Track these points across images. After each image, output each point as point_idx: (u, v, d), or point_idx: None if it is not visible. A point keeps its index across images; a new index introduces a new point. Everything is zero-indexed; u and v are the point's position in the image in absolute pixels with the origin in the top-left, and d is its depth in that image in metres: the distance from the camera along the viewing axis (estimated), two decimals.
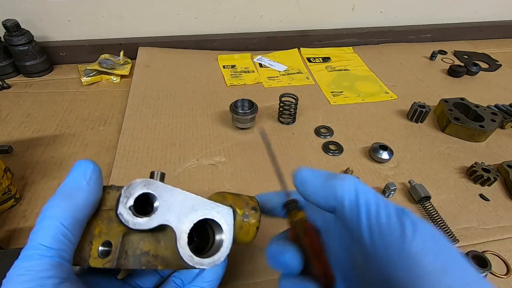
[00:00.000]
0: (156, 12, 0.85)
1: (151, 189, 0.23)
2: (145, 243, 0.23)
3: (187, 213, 0.23)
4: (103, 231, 0.23)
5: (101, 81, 0.78)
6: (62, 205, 0.21)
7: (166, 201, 0.23)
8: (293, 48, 0.93)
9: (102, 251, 0.23)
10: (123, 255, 0.22)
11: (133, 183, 0.22)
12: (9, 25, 0.70)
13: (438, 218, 0.48)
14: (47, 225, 0.20)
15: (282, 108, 0.65)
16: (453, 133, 0.65)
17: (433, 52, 0.93)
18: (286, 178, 0.27)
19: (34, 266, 0.19)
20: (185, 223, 0.23)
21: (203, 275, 0.27)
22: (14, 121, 0.64)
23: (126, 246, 0.23)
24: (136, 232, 0.23)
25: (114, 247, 0.22)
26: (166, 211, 0.23)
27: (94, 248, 0.23)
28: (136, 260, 0.23)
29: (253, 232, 0.28)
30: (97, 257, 0.22)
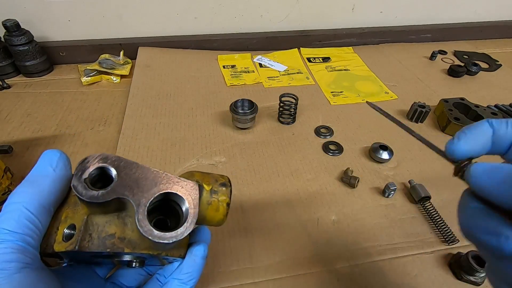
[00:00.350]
0: (156, 12, 0.85)
1: (107, 163, 0.22)
2: (110, 226, 0.23)
3: (148, 187, 0.22)
4: (69, 216, 0.23)
5: (101, 81, 0.78)
6: (28, 191, 0.21)
7: (126, 176, 0.22)
8: (293, 48, 0.93)
9: (66, 234, 0.22)
10: (87, 237, 0.22)
11: (88, 157, 0.21)
12: (9, 25, 0.70)
13: (438, 218, 0.48)
14: (11, 210, 0.20)
15: (282, 108, 0.65)
16: (453, 133, 0.64)
17: (433, 52, 0.93)
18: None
19: (2, 248, 0.19)
20: (145, 197, 0.22)
21: (181, 267, 0.26)
22: (14, 121, 0.64)
23: (90, 229, 0.22)
24: (101, 215, 0.23)
25: (78, 229, 0.22)
26: (125, 185, 0.22)
27: (60, 233, 0.22)
28: (100, 242, 0.22)
29: (223, 209, 0.26)
30: (61, 242, 0.22)
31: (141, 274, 0.30)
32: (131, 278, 0.29)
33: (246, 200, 0.50)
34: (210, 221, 0.26)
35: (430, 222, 0.49)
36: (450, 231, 0.46)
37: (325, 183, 0.54)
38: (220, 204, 0.26)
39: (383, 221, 0.49)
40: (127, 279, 0.29)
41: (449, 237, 0.46)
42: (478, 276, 0.41)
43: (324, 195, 0.52)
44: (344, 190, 0.53)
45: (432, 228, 0.48)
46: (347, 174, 0.54)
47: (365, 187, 0.54)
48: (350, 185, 0.53)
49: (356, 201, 0.51)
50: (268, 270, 0.42)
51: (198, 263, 0.26)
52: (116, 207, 0.23)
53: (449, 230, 0.46)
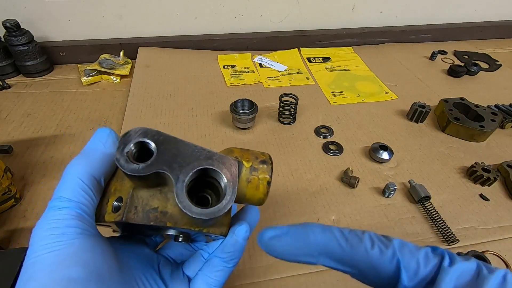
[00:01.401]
0: (156, 12, 0.85)
1: (147, 138, 0.22)
2: (154, 200, 0.23)
3: (187, 162, 0.22)
4: (117, 188, 0.24)
5: (101, 81, 0.78)
6: (81, 162, 0.23)
7: (166, 150, 0.22)
8: (293, 48, 0.93)
9: (115, 206, 0.24)
10: (133, 209, 0.23)
11: (130, 131, 0.22)
12: (9, 25, 0.70)
13: (438, 218, 0.48)
14: (68, 180, 0.22)
15: (282, 108, 0.65)
16: (453, 133, 0.65)
17: (433, 52, 0.93)
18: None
19: (57, 215, 0.21)
20: (183, 172, 0.22)
21: (223, 246, 0.26)
22: (14, 121, 0.64)
23: (135, 202, 0.23)
24: (145, 189, 0.24)
25: (124, 201, 0.23)
26: (164, 159, 0.22)
27: (109, 205, 0.24)
28: (145, 215, 0.23)
29: (264, 187, 0.26)
30: (111, 213, 0.24)
31: (188, 249, 0.31)
32: (177, 252, 0.30)
33: None
34: (250, 199, 0.26)
35: (430, 222, 0.49)
36: (450, 231, 0.46)
37: (325, 183, 0.54)
38: (260, 182, 0.25)
39: (383, 221, 0.49)
40: (174, 252, 0.30)
41: (449, 237, 0.46)
42: None
43: (324, 195, 0.52)
44: (344, 190, 0.53)
45: (432, 228, 0.48)
46: (347, 174, 0.54)
47: (365, 187, 0.54)
48: (350, 185, 0.53)
49: (356, 201, 0.51)
50: (268, 270, 0.42)
51: (239, 243, 0.26)
52: (157, 181, 0.23)
53: (449, 230, 0.46)
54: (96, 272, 0.20)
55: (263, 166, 0.26)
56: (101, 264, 0.21)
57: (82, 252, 0.21)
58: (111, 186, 0.24)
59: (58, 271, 0.19)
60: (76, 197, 0.22)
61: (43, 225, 0.21)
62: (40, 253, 0.20)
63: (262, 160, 0.26)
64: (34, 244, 0.20)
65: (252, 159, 0.26)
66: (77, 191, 0.22)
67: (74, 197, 0.22)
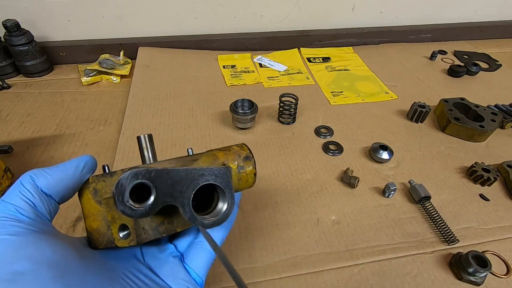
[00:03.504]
0: (156, 12, 0.85)
1: (140, 179, 0.23)
2: (157, 216, 0.25)
3: (185, 187, 0.24)
4: (115, 217, 0.25)
5: (101, 81, 0.78)
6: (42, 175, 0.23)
7: (161, 184, 0.23)
8: (293, 48, 0.93)
9: (123, 235, 0.25)
10: (142, 231, 0.24)
11: (121, 179, 0.22)
12: (9, 25, 0.70)
13: (438, 218, 0.48)
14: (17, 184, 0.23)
15: (282, 108, 0.65)
16: (453, 133, 0.65)
17: (433, 52, 0.93)
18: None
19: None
20: (185, 197, 0.24)
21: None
22: (14, 121, 0.64)
23: (141, 223, 0.25)
24: None
25: (131, 228, 0.24)
26: (164, 192, 0.23)
27: (115, 232, 0.25)
28: (155, 231, 0.25)
29: (252, 178, 0.30)
30: (120, 239, 0.25)
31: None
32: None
33: (246, 200, 0.50)
34: (242, 189, 0.30)
35: (430, 222, 0.49)
36: (450, 231, 0.46)
37: (325, 183, 0.54)
38: (248, 176, 0.29)
39: (383, 221, 0.49)
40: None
41: (449, 237, 0.46)
42: (478, 276, 0.41)
43: (324, 195, 0.52)
44: (344, 190, 0.53)
45: (432, 228, 0.48)
46: (347, 174, 0.54)
47: (365, 187, 0.54)
48: (350, 185, 0.53)
49: (356, 201, 0.51)
50: (268, 270, 0.42)
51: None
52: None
53: (449, 230, 0.46)
54: (46, 262, 0.20)
55: (248, 162, 0.29)
56: (51, 255, 0.20)
57: (24, 247, 0.20)
58: (106, 214, 0.25)
59: (3, 267, 0.19)
60: (15, 200, 0.22)
61: None
62: None
63: (245, 156, 0.30)
64: None
65: (236, 159, 0.29)
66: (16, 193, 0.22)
67: (11, 199, 0.22)
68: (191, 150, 0.29)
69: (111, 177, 0.25)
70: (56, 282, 0.19)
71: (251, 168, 0.29)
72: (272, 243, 0.45)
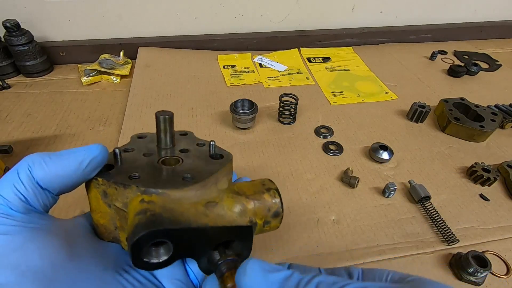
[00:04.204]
0: (156, 12, 0.85)
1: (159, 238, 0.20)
2: None
3: (204, 247, 0.22)
4: (124, 226, 0.23)
5: (101, 81, 0.78)
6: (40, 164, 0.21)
7: (180, 242, 0.21)
8: (293, 48, 0.93)
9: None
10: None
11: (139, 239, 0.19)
12: (9, 25, 0.70)
13: (438, 218, 0.48)
14: (12, 171, 0.21)
15: (282, 108, 0.65)
16: (453, 133, 0.65)
17: (433, 52, 0.93)
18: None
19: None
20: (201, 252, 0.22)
21: None
22: (14, 121, 0.64)
23: None
24: None
25: None
26: (181, 247, 0.21)
27: (122, 236, 0.24)
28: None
29: (272, 229, 0.28)
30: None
31: None
32: None
33: None
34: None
35: (430, 222, 0.49)
36: (450, 231, 0.46)
37: (325, 183, 0.54)
38: (271, 229, 0.27)
39: (383, 221, 0.49)
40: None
41: (449, 237, 0.46)
42: (478, 276, 0.41)
43: (324, 195, 0.52)
44: (344, 190, 0.53)
45: (432, 228, 0.48)
46: (347, 174, 0.54)
47: (365, 187, 0.54)
48: (350, 185, 0.53)
49: (356, 201, 0.51)
50: None
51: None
52: None
53: (449, 230, 0.46)
54: (31, 272, 0.18)
55: (276, 219, 0.27)
56: (37, 263, 0.19)
57: (9, 253, 0.18)
58: (115, 219, 0.23)
59: None
60: (5, 192, 0.20)
61: None
62: None
63: (275, 212, 0.26)
64: None
65: (264, 213, 0.26)
66: (9, 185, 0.20)
67: (3, 192, 0.20)
68: (214, 143, 0.28)
69: (124, 189, 0.22)
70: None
71: (277, 224, 0.27)
72: (272, 243, 0.45)
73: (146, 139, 0.30)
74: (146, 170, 0.24)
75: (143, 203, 0.21)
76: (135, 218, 0.21)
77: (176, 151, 0.28)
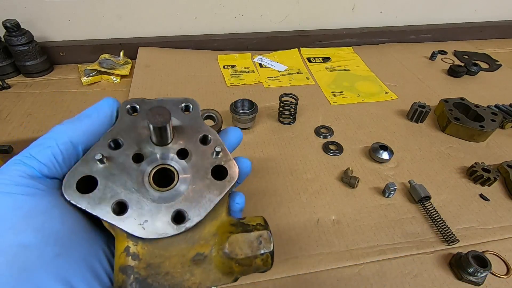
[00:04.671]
0: (156, 12, 0.85)
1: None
2: None
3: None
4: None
5: (101, 81, 0.78)
6: (64, 126, 0.23)
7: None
8: (293, 48, 0.93)
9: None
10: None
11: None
12: (9, 25, 0.70)
13: (438, 218, 0.48)
14: (42, 139, 0.22)
15: (282, 108, 0.65)
16: (453, 133, 0.65)
17: (433, 52, 0.93)
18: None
19: (10, 171, 0.20)
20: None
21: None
22: (14, 121, 0.64)
23: None
24: None
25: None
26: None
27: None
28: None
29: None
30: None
31: None
32: None
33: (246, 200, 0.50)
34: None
35: (430, 222, 0.49)
36: (450, 231, 0.46)
37: (325, 183, 0.54)
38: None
39: (383, 221, 0.49)
40: None
41: (449, 237, 0.46)
42: (478, 276, 0.41)
43: (324, 195, 0.52)
44: (344, 190, 0.53)
45: (432, 228, 0.48)
46: (347, 174, 0.54)
47: (365, 187, 0.54)
48: (350, 185, 0.53)
49: (356, 201, 0.51)
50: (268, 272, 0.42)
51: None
52: None
53: (449, 230, 0.46)
54: (53, 236, 0.19)
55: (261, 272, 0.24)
56: (59, 228, 0.20)
57: (34, 215, 0.19)
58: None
59: (8, 236, 0.18)
60: (41, 157, 0.21)
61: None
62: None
63: (263, 271, 0.24)
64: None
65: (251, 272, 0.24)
66: (45, 151, 0.21)
67: (38, 155, 0.21)
68: (220, 149, 0.24)
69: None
70: (58, 260, 0.19)
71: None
72: None
73: (139, 117, 0.25)
74: (134, 196, 0.21)
75: (128, 256, 0.20)
76: (119, 276, 0.20)
77: (173, 149, 0.24)
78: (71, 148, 0.22)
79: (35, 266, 0.18)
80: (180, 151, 0.24)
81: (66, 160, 0.22)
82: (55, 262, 0.19)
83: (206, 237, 0.22)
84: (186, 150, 0.24)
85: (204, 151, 0.24)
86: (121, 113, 0.25)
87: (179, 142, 0.24)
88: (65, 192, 0.21)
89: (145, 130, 0.24)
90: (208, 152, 0.25)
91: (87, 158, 0.22)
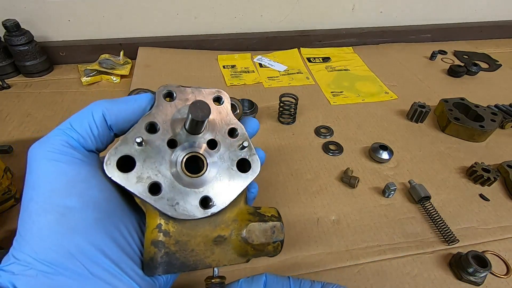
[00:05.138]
0: (156, 12, 0.85)
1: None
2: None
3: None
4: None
5: (101, 81, 0.78)
6: (106, 103, 0.24)
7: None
8: (293, 48, 0.93)
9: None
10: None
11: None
12: (9, 25, 0.70)
13: (438, 218, 0.48)
14: (83, 111, 0.23)
15: (282, 108, 0.65)
16: (453, 133, 0.65)
17: (433, 52, 0.93)
18: None
19: (56, 141, 0.22)
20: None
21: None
22: (14, 121, 0.64)
23: None
24: None
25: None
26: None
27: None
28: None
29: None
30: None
31: None
32: None
33: None
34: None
35: (430, 222, 0.49)
36: (450, 231, 0.46)
37: (325, 183, 0.54)
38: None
39: (383, 221, 0.49)
40: None
41: (449, 237, 0.46)
42: (478, 276, 0.41)
43: (324, 195, 0.52)
44: (344, 190, 0.53)
45: (432, 228, 0.48)
46: (347, 174, 0.54)
47: (365, 187, 0.54)
48: (350, 185, 0.53)
49: (356, 201, 0.51)
50: (268, 270, 0.42)
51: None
52: None
53: (449, 230, 0.46)
54: (92, 203, 0.21)
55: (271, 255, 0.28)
56: (97, 195, 0.22)
57: (76, 182, 0.21)
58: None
59: (55, 198, 0.20)
60: (80, 129, 0.23)
61: (40, 147, 0.21)
62: (36, 177, 0.21)
63: (272, 255, 0.27)
64: (31, 166, 0.21)
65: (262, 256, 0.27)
66: (83, 124, 0.23)
67: (78, 127, 0.22)
68: (248, 144, 0.27)
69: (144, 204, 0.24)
70: (97, 225, 0.21)
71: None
72: None
73: (174, 103, 0.28)
74: (168, 179, 0.24)
75: (160, 232, 0.23)
76: (151, 249, 0.23)
77: (204, 139, 0.26)
78: (105, 125, 0.24)
79: (79, 228, 0.20)
80: (210, 141, 0.26)
81: (101, 135, 0.24)
82: (95, 226, 0.21)
83: (226, 221, 0.25)
84: (215, 141, 0.26)
85: (232, 143, 0.27)
86: (158, 98, 0.27)
87: (209, 132, 0.26)
88: (106, 169, 0.22)
89: (179, 118, 0.26)
90: (235, 145, 0.27)
91: (126, 139, 0.23)
